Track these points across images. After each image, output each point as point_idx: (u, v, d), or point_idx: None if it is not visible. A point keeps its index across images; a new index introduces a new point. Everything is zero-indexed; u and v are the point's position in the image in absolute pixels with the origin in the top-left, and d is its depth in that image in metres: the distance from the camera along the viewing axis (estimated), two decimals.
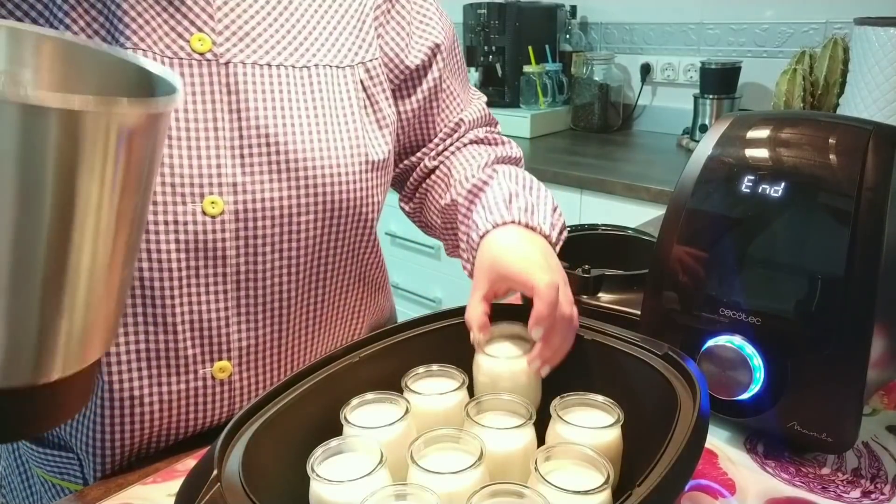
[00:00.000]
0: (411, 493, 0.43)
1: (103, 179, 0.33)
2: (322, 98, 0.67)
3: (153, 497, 0.57)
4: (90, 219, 0.33)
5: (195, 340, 0.65)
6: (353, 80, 0.70)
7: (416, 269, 2.34)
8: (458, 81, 0.83)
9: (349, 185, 0.68)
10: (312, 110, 0.66)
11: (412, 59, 0.76)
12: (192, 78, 0.61)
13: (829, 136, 0.58)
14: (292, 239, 0.67)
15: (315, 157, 0.66)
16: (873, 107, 1.25)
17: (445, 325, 0.61)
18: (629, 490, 0.40)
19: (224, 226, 0.63)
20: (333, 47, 0.69)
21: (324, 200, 0.67)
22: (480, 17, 2.27)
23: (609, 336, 0.58)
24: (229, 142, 0.63)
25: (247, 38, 0.64)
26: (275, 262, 0.66)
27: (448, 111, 0.82)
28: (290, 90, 0.66)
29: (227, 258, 0.64)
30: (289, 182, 0.65)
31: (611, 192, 1.72)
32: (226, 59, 0.63)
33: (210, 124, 0.62)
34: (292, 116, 0.65)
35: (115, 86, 0.42)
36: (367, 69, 0.72)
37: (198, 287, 0.64)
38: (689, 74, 2.14)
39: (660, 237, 0.64)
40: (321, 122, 0.67)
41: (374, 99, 0.72)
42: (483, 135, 0.84)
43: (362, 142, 0.70)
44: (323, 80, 0.68)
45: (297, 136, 0.65)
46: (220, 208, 0.63)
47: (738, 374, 0.58)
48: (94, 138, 0.31)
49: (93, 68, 0.42)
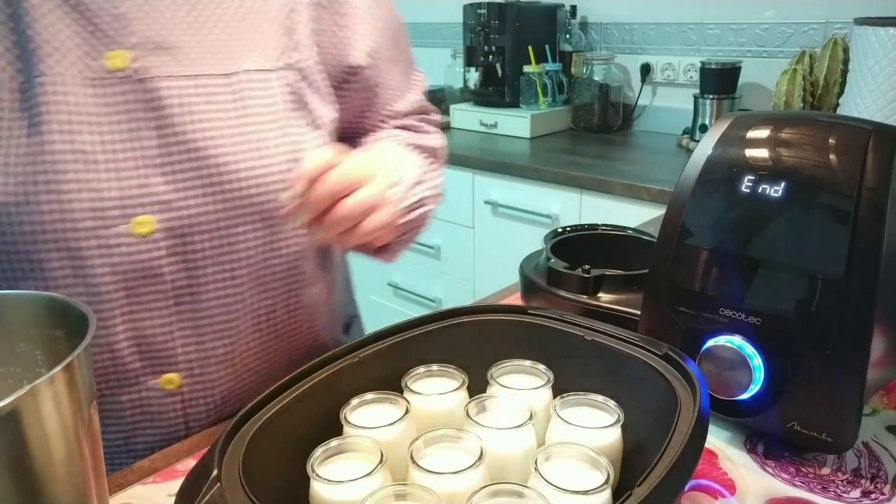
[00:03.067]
0: (411, 493, 0.44)
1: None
2: (250, 105, 0.65)
3: (153, 497, 0.57)
4: None
5: (138, 356, 0.65)
6: (283, 82, 0.68)
7: (416, 269, 2.34)
8: (399, 72, 0.81)
9: (279, 192, 0.66)
10: (241, 119, 0.64)
11: (347, 58, 0.73)
12: (111, 97, 0.60)
13: (829, 136, 0.58)
14: (231, 251, 0.65)
15: (245, 167, 0.64)
16: (873, 107, 1.25)
17: (445, 325, 0.61)
18: (629, 490, 0.40)
19: (157, 244, 0.62)
20: (259, 51, 0.67)
21: (260, 210, 0.65)
22: (480, 17, 2.27)
23: (609, 336, 0.58)
24: (156, 160, 0.61)
25: (165, 51, 0.61)
26: (216, 274, 0.65)
27: (382, 102, 0.80)
28: (216, 100, 0.63)
29: (165, 275, 0.63)
30: (222, 195, 0.63)
31: (611, 192, 1.72)
32: (144, 75, 0.60)
33: (133, 144, 0.60)
34: (219, 128, 0.63)
35: (27, 319, 0.46)
36: (297, 71, 0.69)
37: (137, 306, 0.63)
38: (689, 74, 2.14)
39: (660, 237, 0.64)
40: (250, 131, 0.64)
41: (306, 101, 0.70)
42: (410, 122, 0.84)
43: (294, 147, 0.67)
44: (248, 85, 0.65)
45: (226, 148, 0.63)
46: (150, 227, 0.61)
47: (738, 374, 0.58)
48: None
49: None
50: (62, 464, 0.39)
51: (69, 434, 0.39)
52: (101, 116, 0.59)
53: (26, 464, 0.37)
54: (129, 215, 0.61)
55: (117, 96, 0.60)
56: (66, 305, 0.45)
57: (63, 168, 0.58)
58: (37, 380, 0.36)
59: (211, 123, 0.63)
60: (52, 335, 0.46)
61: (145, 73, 0.60)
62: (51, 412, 0.38)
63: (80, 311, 0.44)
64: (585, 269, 0.75)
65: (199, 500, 0.41)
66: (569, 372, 0.57)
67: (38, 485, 0.38)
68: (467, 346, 0.60)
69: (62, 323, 0.45)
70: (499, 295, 0.95)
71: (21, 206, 0.58)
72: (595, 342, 0.58)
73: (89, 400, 0.42)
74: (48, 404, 0.37)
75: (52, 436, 0.38)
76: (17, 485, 0.37)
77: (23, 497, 0.38)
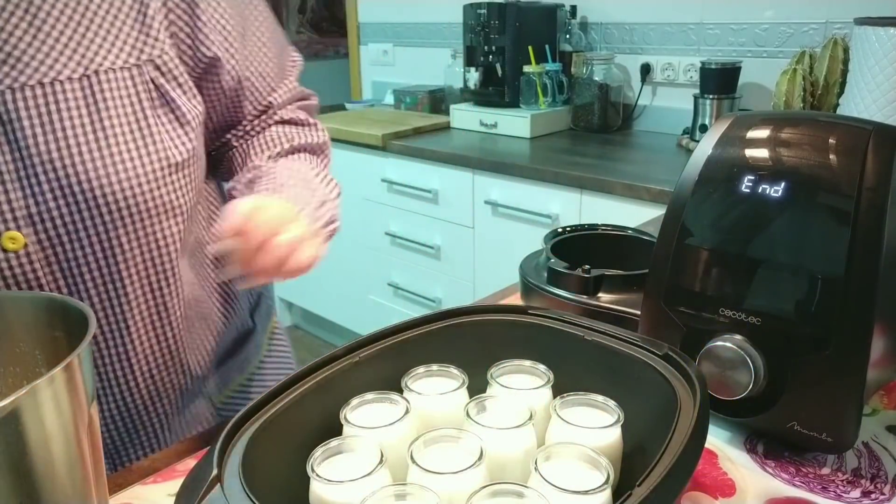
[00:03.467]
0: (411, 493, 0.44)
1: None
2: (107, 107, 0.63)
3: (153, 497, 0.57)
4: None
5: None
6: (142, 79, 0.65)
7: (416, 269, 2.34)
8: (267, 60, 0.78)
9: (152, 192, 0.65)
10: (98, 122, 0.62)
11: (204, 50, 0.71)
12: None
13: (829, 136, 0.58)
14: (108, 256, 0.64)
15: (107, 173, 0.62)
16: (873, 107, 1.25)
17: (445, 325, 0.61)
18: (629, 490, 0.40)
19: (31, 258, 0.62)
20: (113, 47, 0.64)
21: (129, 214, 0.64)
22: (480, 17, 2.27)
23: (609, 336, 0.58)
24: (14, 174, 0.60)
25: (10, 59, 0.59)
26: (96, 279, 0.65)
27: (256, 93, 0.78)
28: (69, 105, 0.61)
29: (45, 287, 0.63)
30: (86, 203, 0.62)
31: (611, 192, 1.72)
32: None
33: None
34: (76, 135, 0.61)
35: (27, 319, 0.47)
36: (156, 65, 0.66)
37: None
38: (689, 74, 2.14)
39: (660, 237, 0.64)
40: (109, 135, 0.63)
41: (169, 96, 0.67)
42: (292, 115, 0.82)
43: (160, 146, 0.66)
44: (105, 86, 0.63)
45: (83, 156, 0.61)
46: (21, 242, 0.61)
47: (738, 374, 0.58)
48: None
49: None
50: (62, 464, 0.39)
51: (69, 434, 0.39)
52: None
53: (26, 464, 0.37)
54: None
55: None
56: (66, 305, 0.45)
57: None
58: (37, 380, 0.36)
59: (67, 132, 0.61)
60: (52, 335, 0.46)
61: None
62: (51, 412, 0.38)
63: (80, 311, 0.44)
64: (585, 269, 0.75)
65: (199, 500, 0.41)
66: (569, 372, 0.57)
67: (38, 485, 0.38)
68: (467, 346, 0.60)
69: (62, 323, 0.45)
70: (499, 295, 0.95)
71: None
72: (595, 342, 0.58)
73: (89, 400, 0.42)
74: (48, 404, 0.38)
75: (52, 436, 0.38)
76: (17, 485, 0.37)
77: (23, 497, 0.38)
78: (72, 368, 0.39)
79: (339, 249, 2.51)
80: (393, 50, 2.98)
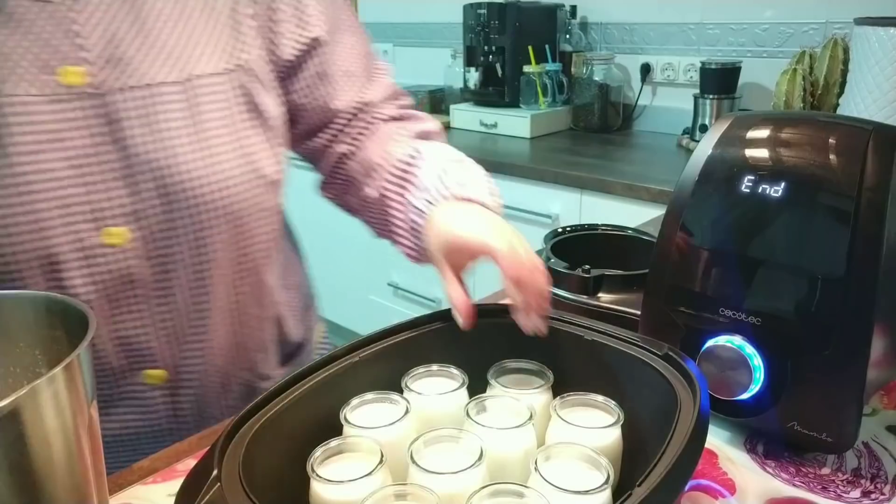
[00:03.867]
0: (411, 493, 0.44)
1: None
2: (203, 112, 0.65)
3: (153, 497, 0.57)
4: None
5: (121, 355, 0.67)
6: (234, 84, 0.67)
7: (416, 269, 2.34)
8: (357, 58, 0.78)
9: (242, 195, 0.67)
10: (193, 126, 0.64)
11: (287, 51, 0.72)
12: (71, 114, 0.60)
13: (829, 136, 0.58)
14: (200, 253, 0.66)
15: (202, 174, 0.64)
16: (873, 107, 1.25)
17: (445, 325, 0.61)
18: (629, 490, 0.40)
19: (130, 253, 0.63)
20: (209, 53, 0.66)
21: (222, 214, 0.66)
22: (480, 17, 2.27)
23: (609, 336, 0.57)
24: (118, 172, 0.62)
25: (121, 63, 0.61)
26: (188, 276, 0.67)
27: (348, 90, 0.77)
28: (170, 108, 0.63)
29: (141, 281, 0.65)
30: (185, 202, 0.64)
31: (611, 192, 1.72)
32: (103, 89, 0.60)
33: (96, 158, 0.61)
34: (176, 136, 0.63)
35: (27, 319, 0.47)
36: (247, 70, 0.68)
37: (117, 311, 0.65)
38: (689, 74, 2.14)
39: (660, 237, 0.64)
40: (204, 138, 0.65)
41: (257, 101, 0.69)
42: (395, 111, 0.81)
43: (249, 151, 0.68)
44: (202, 91, 0.65)
45: (183, 157, 0.63)
46: (122, 238, 0.63)
47: (738, 374, 0.58)
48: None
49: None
50: (62, 464, 0.39)
51: (69, 434, 0.39)
52: (63, 133, 0.60)
53: (26, 464, 0.37)
54: (100, 227, 0.62)
55: (76, 112, 0.60)
56: (66, 305, 0.45)
57: (34, 188, 0.59)
58: (37, 380, 0.36)
59: (166, 134, 0.63)
60: (52, 335, 0.46)
61: (101, 87, 0.60)
62: (51, 412, 0.38)
63: (80, 311, 0.44)
64: (585, 269, 0.75)
65: (199, 500, 0.41)
66: (569, 372, 0.57)
67: (38, 485, 0.38)
68: (467, 346, 0.60)
69: (62, 323, 0.45)
70: (499, 295, 0.95)
71: (2, 229, 0.58)
72: (595, 342, 0.58)
73: (89, 400, 0.42)
74: (48, 404, 0.38)
75: (52, 436, 0.38)
76: (17, 485, 0.37)
77: (23, 497, 0.38)
78: (72, 368, 0.39)
79: (339, 249, 2.50)
80: (393, 50, 2.98)
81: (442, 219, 0.64)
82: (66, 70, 0.59)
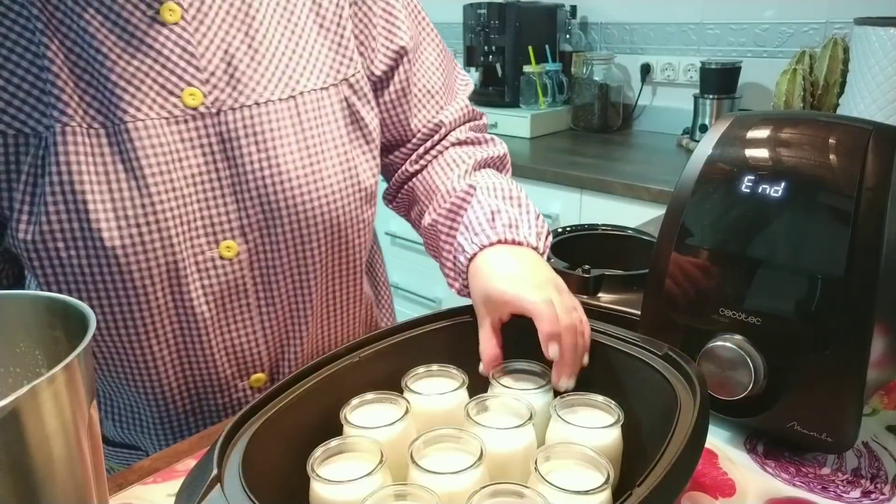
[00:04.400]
0: (411, 493, 0.44)
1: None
2: (310, 127, 0.67)
3: (153, 497, 0.57)
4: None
5: (230, 362, 0.70)
6: (338, 98, 0.70)
7: (416, 269, 2.34)
8: (438, 77, 0.80)
9: (345, 208, 0.69)
10: (302, 142, 0.66)
11: (377, 65, 0.74)
12: (190, 133, 0.62)
13: (829, 136, 0.58)
14: (301, 265, 0.69)
15: (305, 189, 0.66)
16: (873, 107, 1.25)
17: (445, 325, 0.61)
18: (629, 490, 0.40)
19: (241, 265, 0.67)
20: (315, 69, 0.68)
21: (324, 229, 0.68)
22: (480, 17, 2.27)
23: (609, 336, 0.58)
24: (229, 188, 0.64)
25: (233, 81, 0.64)
26: (292, 286, 0.70)
27: (424, 111, 0.79)
28: (280, 125, 0.65)
29: (249, 292, 0.68)
30: (291, 217, 0.66)
31: (611, 192, 1.72)
32: (216, 108, 0.63)
33: (211, 175, 0.64)
34: (283, 154, 0.65)
35: (27, 319, 0.47)
36: (350, 84, 0.71)
37: (226, 320, 0.68)
38: (689, 74, 2.14)
39: (660, 237, 0.64)
40: (311, 154, 0.67)
41: (359, 115, 0.71)
42: (466, 135, 0.81)
43: (352, 164, 0.70)
44: (309, 106, 0.67)
45: (290, 174, 0.65)
46: (234, 251, 0.66)
47: (738, 374, 0.58)
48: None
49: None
50: (62, 464, 0.39)
51: (69, 434, 0.39)
52: (183, 152, 0.62)
53: (26, 464, 0.37)
54: (217, 241, 0.65)
55: (195, 131, 0.62)
56: (66, 305, 0.45)
57: (163, 207, 0.62)
58: (37, 380, 0.36)
59: (275, 150, 0.65)
60: (52, 335, 0.46)
61: (217, 106, 0.63)
62: (51, 412, 0.38)
63: (80, 311, 0.44)
64: (585, 269, 0.75)
65: (199, 500, 0.41)
66: None
67: (38, 485, 0.38)
68: (467, 346, 0.60)
69: (62, 323, 0.45)
70: None
71: (136, 246, 0.61)
72: (595, 342, 0.58)
73: (89, 400, 0.42)
74: (48, 404, 0.37)
75: (52, 436, 0.38)
76: (17, 485, 0.37)
77: (23, 497, 0.37)
78: (72, 368, 0.39)
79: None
80: None
81: (484, 268, 0.63)
82: (186, 91, 0.62)
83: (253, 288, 0.68)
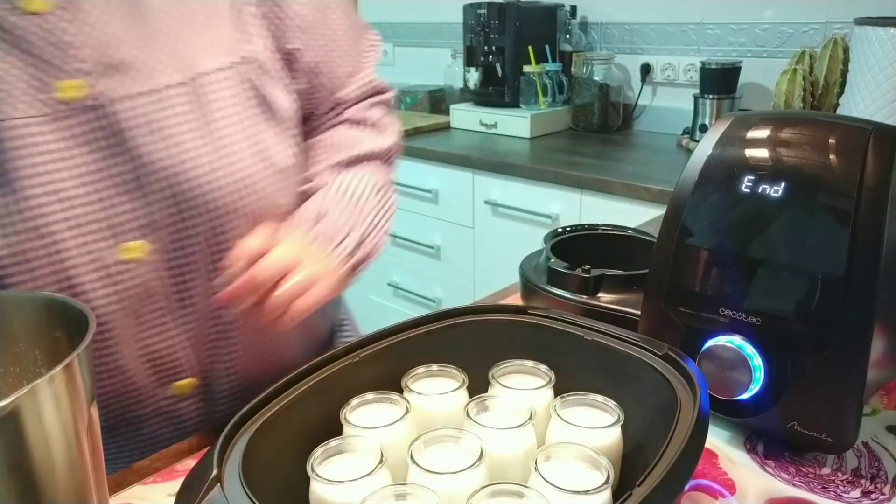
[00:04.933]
0: (411, 493, 0.44)
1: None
2: (212, 111, 0.63)
3: (153, 497, 0.57)
4: None
5: (150, 371, 0.66)
6: (241, 79, 0.65)
7: (416, 269, 2.34)
8: (345, 50, 0.76)
9: (258, 194, 0.65)
10: (204, 128, 0.62)
11: (284, 43, 0.70)
12: (74, 129, 0.57)
13: (829, 136, 0.58)
14: (219, 258, 0.64)
15: (216, 177, 0.62)
16: (873, 107, 1.25)
17: (445, 325, 0.61)
18: (629, 490, 0.40)
19: (149, 266, 0.62)
20: (212, 49, 0.63)
21: (237, 217, 0.64)
22: (480, 17, 2.27)
23: (609, 336, 0.57)
24: (130, 185, 0.60)
25: (118, 72, 0.58)
26: (208, 282, 0.65)
27: (328, 87, 0.76)
28: (178, 111, 0.61)
29: (161, 294, 0.64)
30: (200, 207, 0.62)
31: (611, 192, 1.72)
32: (102, 101, 0.58)
33: (107, 172, 0.59)
34: (187, 140, 0.61)
35: (27, 319, 0.47)
36: (252, 63, 0.66)
37: (139, 326, 0.64)
38: (689, 74, 2.14)
39: (660, 237, 0.64)
40: (216, 138, 0.62)
41: (265, 93, 0.67)
42: (363, 114, 0.78)
43: (263, 146, 0.66)
44: (209, 88, 0.62)
45: (193, 161, 0.61)
46: (142, 252, 0.61)
47: (738, 374, 0.58)
48: None
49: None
50: (62, 464, 0.39)
51: (69, 434, 0.39)
52: (67, 150, 0.57)
53: (26, 464, 0.37)
54: (117, 243, 0.60)
55: (80, 126, 0.58)
56: (66, 305, 0.45)
57: (45, 210, 0.57)
58: (37, 380, 0.36)
59: (178, 137, 0.61)
60: (52, 335, 0.46)
61: (103, 98, 0.58)
62: (51, 412, 0.38)
63: (80, 311, 0.44)
64: (585, 269, 0.75)
65: (199, 500, 0.41)
66: (569, 372, 0.57)
67: (38, 485, 0.38)
68: (467, 346, 0.60)
69: (62, 323, 0.45)
70: (499, 295, 0.95)
71: (18, 256, 0.57)
72: (595, 342, 0.58)
73: (89, 400, 0.42)
74: (48, 404, 0.38)
75: (52, 436, 0.38)
76: (17, 485, 0.37)
77: (23, 497, 0.38)
78: (72, 368, 0.39)
79: None
80: (393, 50, 2.98)
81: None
82: (62, 85, 0.57)
83: (168, 289, 0.64)
